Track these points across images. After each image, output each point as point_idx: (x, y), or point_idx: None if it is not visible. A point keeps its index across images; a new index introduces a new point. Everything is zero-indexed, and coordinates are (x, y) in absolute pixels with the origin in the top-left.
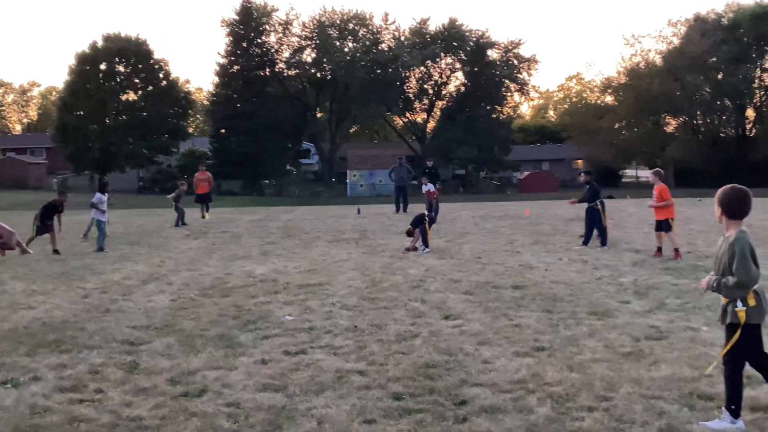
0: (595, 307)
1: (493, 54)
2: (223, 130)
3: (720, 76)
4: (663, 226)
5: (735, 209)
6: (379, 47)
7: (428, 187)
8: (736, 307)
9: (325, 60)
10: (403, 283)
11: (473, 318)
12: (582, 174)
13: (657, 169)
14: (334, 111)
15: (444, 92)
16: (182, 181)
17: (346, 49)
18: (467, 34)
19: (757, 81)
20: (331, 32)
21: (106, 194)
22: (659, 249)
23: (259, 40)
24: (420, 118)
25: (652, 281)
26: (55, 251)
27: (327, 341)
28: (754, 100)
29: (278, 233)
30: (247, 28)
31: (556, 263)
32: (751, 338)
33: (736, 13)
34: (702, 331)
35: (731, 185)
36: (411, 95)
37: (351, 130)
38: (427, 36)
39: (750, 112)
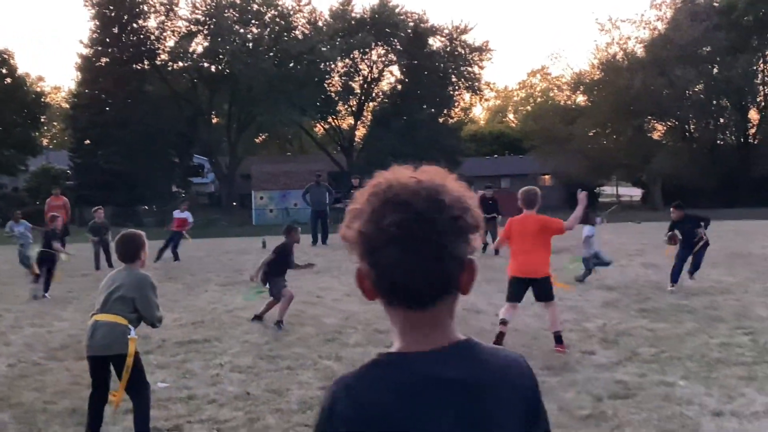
0: (551, 359)
1: (435, 43)
2: (87, 142)
3: (715, 70)
4: None
5: None
6: (292, 34)
7: None
8: None
9: (220, 50)
10: (315, 336)
11: None
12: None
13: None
14: (233, 116)
15: (376, 91)
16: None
17: (248, 36)
18: (402, 17)
19: (760, 75)
20: (229, 14)
21: None
22: None
23: (134, 25)
24: (346, 124)
25: (624, 326)
26: None
27: (210, 413)
28: (758, 99)
29: (156, 275)
30: (119, 8)
31: None
32: None
33: None
34: (678, 387)
35: None
36: (333, 95)
37: (256, 140)
38: (352, 20)
39: (753, 114)
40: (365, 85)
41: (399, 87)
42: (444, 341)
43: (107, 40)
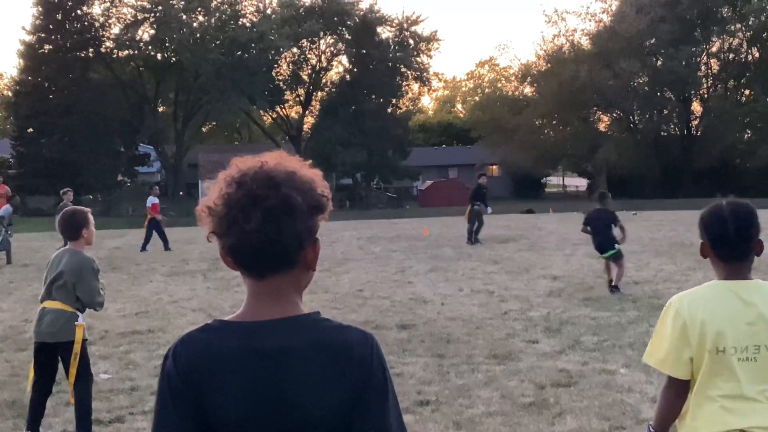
0: (495, 348)
1: (384, 33)
2: (30, 130)
3: (659, 62)
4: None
5: None
6: (240, 22)
7: None
8: None
9: (167, 38)
10: None
11: None
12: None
13: None
14: (180, 104)
15: (324, 80)
16: None
17: (195, 24)
18: (351, 6)
19: (703, 68)
20: (176, 2)
21: None
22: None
23: (79, 11)
24: (294, 113)
25: (567, 315)
26: None
27: (153, 405)
28: (701, 92)
29: (100, 265)
30: None
31: (455, 295)
32: None
33: None
34: (619, 375)
35: None
36: (282, 84)
37: (204, 129)
38: (301, 9)
39: (696, 106)
40: (314, 75)
41: (347, 76)
42: (281, 313)
43: (51, 26)
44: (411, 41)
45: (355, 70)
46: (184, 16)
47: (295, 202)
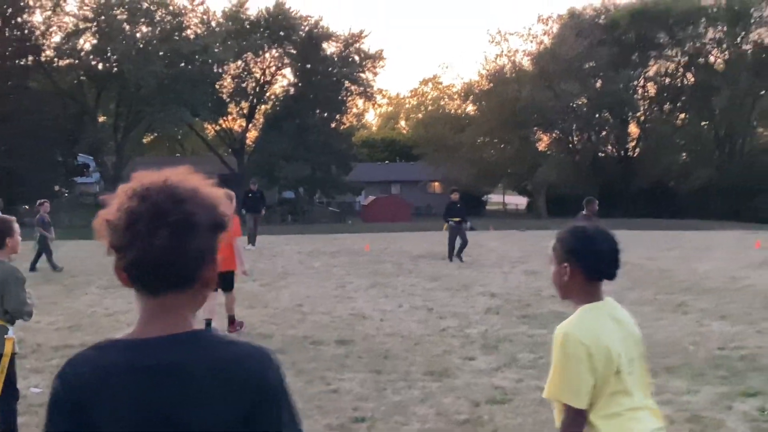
0: (433, 365)
1: (329, 48)
2: None
3: (599, 84)
4: None
5: None
6: (183, 34)
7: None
8: None
9: (109, 48)
10: None
11: None
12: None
13: None
14: (121, 115)
15: (269, 94)
16: None
17: (138, 35)
18: (297, 21)
19: (640, 90)
20: (119, 12)
21: None
22: None
23: (19, 19)
24: (238, 126)
25: (505, 332)
26: None
27: None
28: (638, 114)
29: (33, 277)
30: (2, 1)
31: (395, 311)
32: None
33: (615, 9)
34: None
35: None
36: (225, 97)
37: (145, 140)
38: (247, 22)
39: (633, 128)
40: (258, 88)
41: (292, 90)
42: (172, 330)
43: None
44: (356, 57)
45: (300, 84)
46: (127, 27)
47: (199, 219)
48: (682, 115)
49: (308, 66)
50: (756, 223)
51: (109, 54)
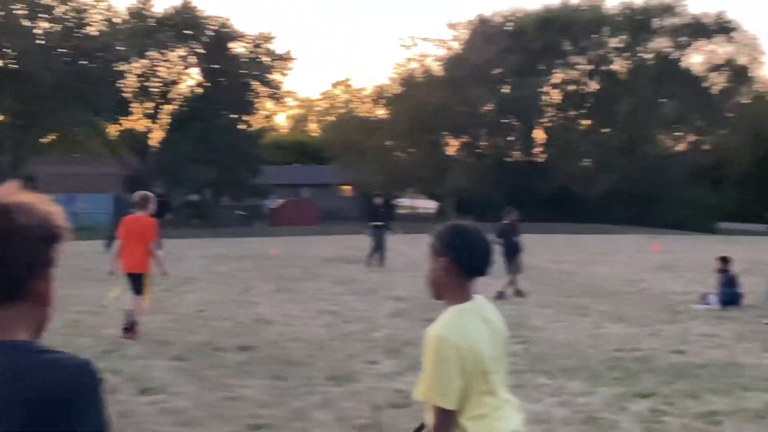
0: (336, 370)
1: (237, 48)
2: None
3: (506, 90)
4: None
5: None
6: (85, 31)
7: None
8: None
9: (7, 44)
10: (91, 348)
11: (180, 391)
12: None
13: None
14: (18, 113)
15: (174, 94)
16: None
17: (38, 31)
18: (204, 20)
19: (546, 97)
20: (17, 8)
21: None
22: None
23: None
24: (142, 126)
25: (409, 335)
26: None
27: None
28: (543, 120)
29: None
30: None
31: (300, 316)
32: None
33: (522, 17)
34: None
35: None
36: (129, 96)
37: (44, 140)
38: (152, 20)
39: (539, 134)
40: (163, 87)
41: (198, 91)
42: None
43: None
44: (265, 58)
45: (207, 84)
46: (27, 23)
47: (25, 229)
48: (587, 122)
49: (215, 66)
50: (656, 228)
51: (6, 50)
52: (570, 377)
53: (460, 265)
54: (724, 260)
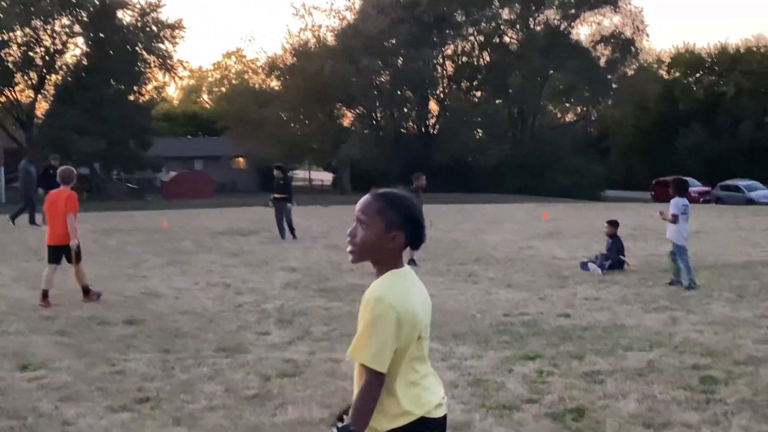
0: (225, 341)
1: (125, 17)
2: None
3: (400, 62)
4: None
5: None
6: None
7: None
8: None
9: None
10: None
11: (62, 366)
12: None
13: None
14: None
15: (59, 64)
16: None
17: None
18: None
19: (440, 69)
20: None
21: None
22: None
23: None
24: (25, 97)
25: (301, 306)
26: None
27: None
28: (437, 92)
29: None
30: None
31: (190, 289)
32: None
33: None
34: (344, 363)
35: None
36: (11, 66)
37: None
38: None
39: (433, 105)
40: (47, 57)
41: (85, 61)
42: None
43: None
44: (154, 27)
45: (93, 54)
46: None
47: None
48: (479, 93)
49: (102, 35)
50: (546, 197)
51: None
52: (460, 342)
53: (411, 239)
54: (613, 224)
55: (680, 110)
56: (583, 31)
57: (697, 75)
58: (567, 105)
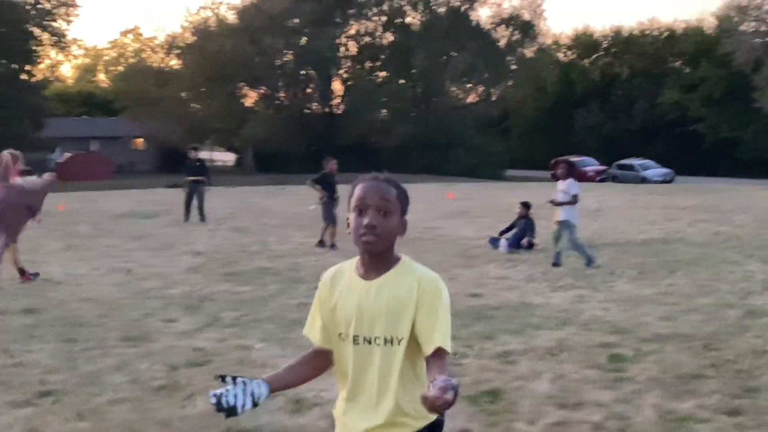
0: (130, 330)
1: None
2: None
3: (303, 41)
4: None
5: None
6: None
7: None
8: None
9: None
10: None
11: None
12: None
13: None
14: None
15: None
16: None
17: None
18: None
19: (343, 49)
20: None
21: None
22: None
23: None
24: None
25: (208, 291)
26: None
27: None
28: (341, 72)
29: None
30: None
31: (90, 275)
32: None
33: None
34: (254, 350)
35: None
36: None
37: None
38: None
39: (337, 86)
40: None
41: None
42: None
43: None
44: (47, 4)
45: None
46: None
47: None
48: (383, 73)
49: None
50: (450, 176)
51: None
52: None
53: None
54: (526, 205)
55: (578, 91)
56: (483, 13)
57: (594, 57)
58: (469, 86)
